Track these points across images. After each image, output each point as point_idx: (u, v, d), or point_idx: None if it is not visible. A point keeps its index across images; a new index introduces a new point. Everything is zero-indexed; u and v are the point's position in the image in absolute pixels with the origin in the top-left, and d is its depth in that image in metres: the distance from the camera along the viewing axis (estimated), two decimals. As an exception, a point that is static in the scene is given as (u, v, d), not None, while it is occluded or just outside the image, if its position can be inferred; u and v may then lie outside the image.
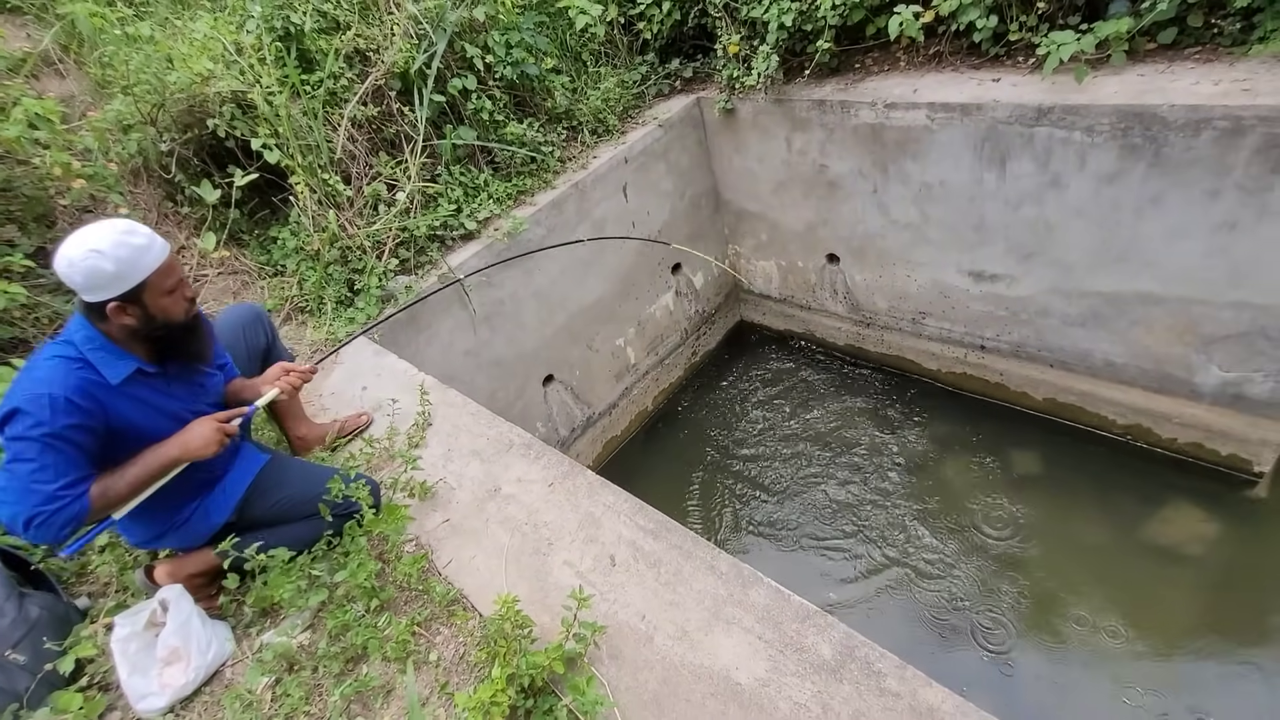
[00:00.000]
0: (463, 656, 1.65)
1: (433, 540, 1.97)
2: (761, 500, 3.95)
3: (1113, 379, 3.44)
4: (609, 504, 1.92)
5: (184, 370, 1.77)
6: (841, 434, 4.17)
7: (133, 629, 1.74)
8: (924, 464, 3.86)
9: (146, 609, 1.78)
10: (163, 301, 1.61)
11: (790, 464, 4.10)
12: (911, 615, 3.20)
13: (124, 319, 1.58)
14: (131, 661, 1.70)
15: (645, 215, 4.23)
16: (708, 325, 5.09)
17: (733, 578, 1.62)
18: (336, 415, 2.60)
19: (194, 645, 1.74)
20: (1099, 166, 2.80)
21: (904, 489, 3.75)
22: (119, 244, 1.53)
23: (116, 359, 1.62)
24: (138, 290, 1.57)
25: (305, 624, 1.83)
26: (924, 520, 3.57)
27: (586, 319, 4.11)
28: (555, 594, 1.72)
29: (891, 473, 3.86)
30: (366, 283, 3.12)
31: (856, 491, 3.82)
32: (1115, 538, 3.30)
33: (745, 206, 4.53)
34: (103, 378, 1.59)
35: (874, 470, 3.89)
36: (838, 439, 4.15)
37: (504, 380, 3.73)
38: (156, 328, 1.63)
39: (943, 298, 3.85)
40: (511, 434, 2.26)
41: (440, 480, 2.16)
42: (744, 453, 4.27)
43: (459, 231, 3.42)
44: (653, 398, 4.81)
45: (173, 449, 1.66)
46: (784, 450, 4.20)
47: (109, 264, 1.51)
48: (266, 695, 1.68)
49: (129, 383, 1.63)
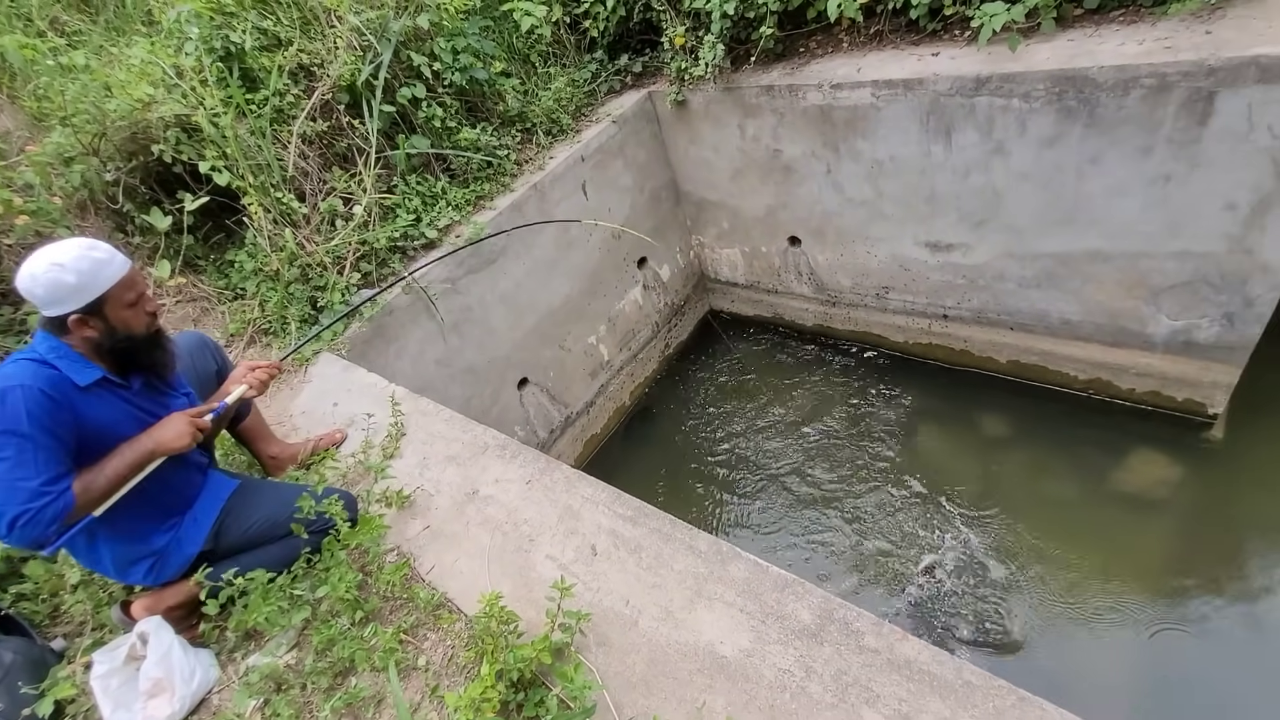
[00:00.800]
0: (451, 658, 1.65)
1: (414, 548, 1.97)
2: (743, 484, 4.00)
3: (1070, 336, 3.54)
4: (587, 495, 1.93)
5: (148, 387, 1.77)
6: (817, 412, 4.23)
7: (112, 665, 1.71)
8: (898, 435, 3.93)
9: (125, 643, 1.75)
10: (124, 314, 1.64)
11: (769, 446, 4.15)
12: (894, 584, 3.26)
13: (86, 331, 1.60)
14: (114, 698, 1.67)
15: (606, 212, 4.23)
16: (678, 317, 5.11)
17: (712, 555, 1.64)
18: (310, 434, 2.58)
19: (177, 675, 1.71)
20: (1039, 131, 2.88)
21: (881, 462, 3.82)
22: (80, 258, 1.56)
23: (83, 366, 1.63)
24: (99, 303, 1.59)
25: (290, 643, 1.81)
26: (901, 490, 3.64)
27: (556, 319, 4.11)
28: (540, 588, 1.73)
29: (868, 447, 3.92)
30: (330, 299, 3.08)
31: (834, 468, 3.88)
32: (1084, 490, 3.40)
33: (705, 196, 4.56)
34: (71, 379, 1.60)
35: (851, 446, 3.95)
36: (814, 418, 4.21)
37: (478, 387, 3.72)
38: (119, 340, 1.64)
39: (903, 271, 3.91)
40: (486, 436, 2.26)
41: (418, 488, 2.15)
42: (723, 440, 4.31)
43: (420, 241, 3.40)
44: (629, 393, 4.82)
45: (146, 442, 1.67)
46: (762, 434, 4.24)
47: (70, 276, 1.54)
48: (256, 717, 1.66)
49: (97, 388, 1.64)
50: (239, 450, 2.32)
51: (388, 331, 3.22)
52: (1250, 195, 2.57)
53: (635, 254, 4.59)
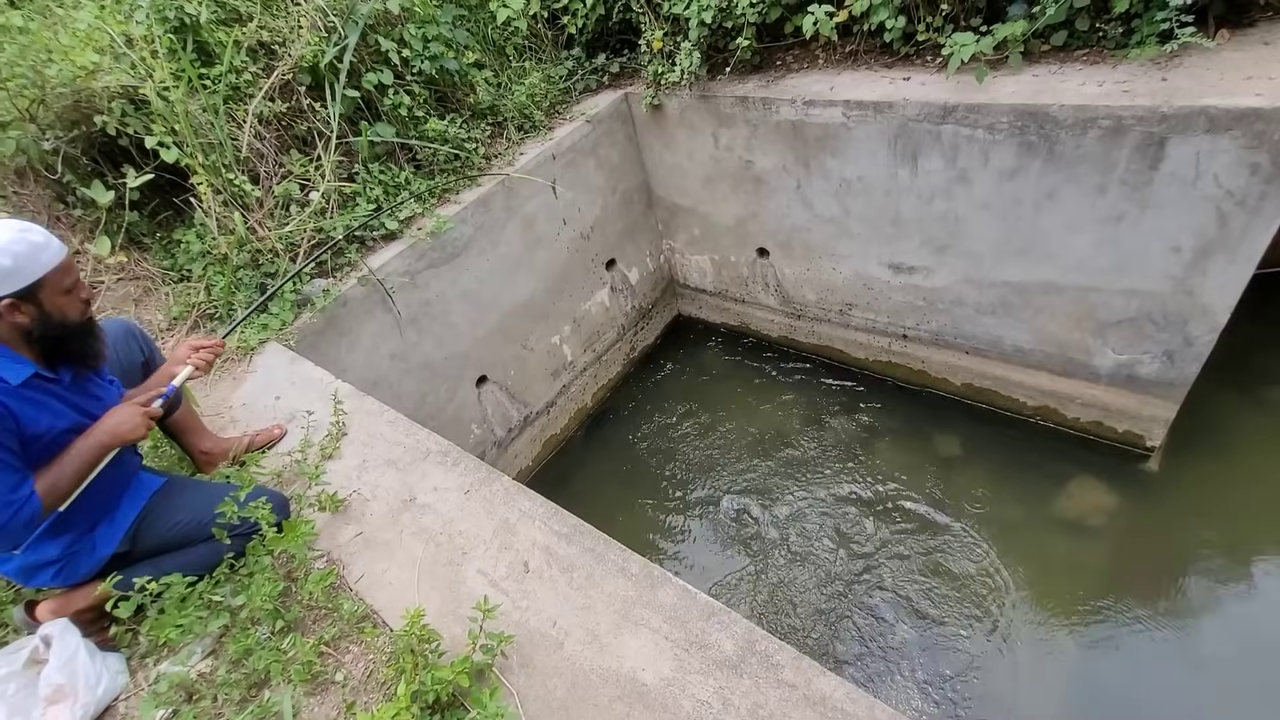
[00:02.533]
0: (371, 674, 1.61)
1: (344, 554, 1.92)
2: (695, 490, 4.00)
3: (1022, 363, 3.61)
4: (525, 510, 1.90)
5: (78, 378, 1.69)
6: (776, 423, 4.25)
7: (10, 669, 1.63)
8: (854, 450, 3.97)
9: (26, 646, 1.67)
10: (59, 300, 1.57)
11: (725, 454, 4.16)
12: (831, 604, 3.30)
13: (18, 317, 1.53)
14: (10, 704, 1.59)
15: (576, 212, 4.19)
16: (645, 320, 5.09)
17: (642, 579, 1.63)
18: (249, 428, 2.50)
19: (81, 681, 1.64)
20: (1001, 162, 2.92)
21: (834, 476, 3.86)
22: (15, 240, 1.49)
23: (11, 361, 1.56)
24: (34, 288, 1.52)
25: (206, 650, 1.75)
26: (853, 506, 3.68)
27: (520, 318, 4.05)
28: (468, 604, 1.70)
29: (823, 460, 3.96)
30: (280, 288, 2.98)
31: (789, 480, 3.91)
32: (1028, 513, 3.48)
33: (677, 202, 4.54)
34: (3, 380, 1.52)
35: (806, 458, 3.99)
36: (772, 428, 4.23)
37: (434, 383, 3.65)
38: (53, 327, 1.57)
39: (866, 289, 3.95)
40: (429, 441, 2.21)
41: (354, 492, 2.10)
42: (681, 443, 4.31)
43: (379, 232, 3.31)
44: (592, 394, 4.79)
45: (100, 435, 1.63)
46: (720, 441, 4.25)
47: (6, 259, 1.47)
48: (162, 728, 1.60)
49: (29, 386, 1.57)
50: (167, 443, 2.23)
51: (340, 323, 3.14)
52: (1194, 240, 2.64)
53: (604, 255, 4.55)
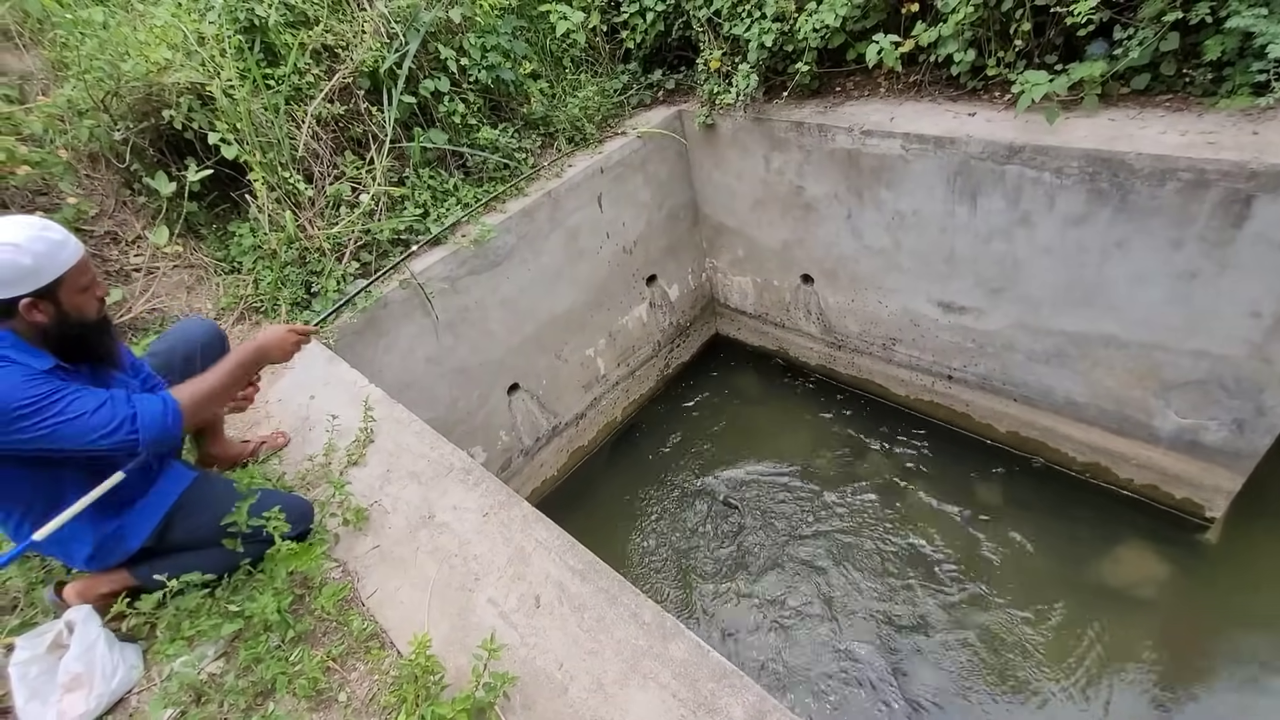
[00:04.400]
0: (374, 697, 1.59)
1: (360, 567, 1.91)
2: (717, 521, 3.92)
3: (1074, 417, 3.43)
4: (541, 539, 1.86)
5: (95, 374, 1.71)
6: (807, 455, 4.14)
7: (34, 652, 1.66)
8: (888, 491, 3.84)
9: (51, 630, 1.71)
10: (77, 299, 1.58)
11: (751, 484, 4.06)
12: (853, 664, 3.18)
13: (36, 316, 1.54)
14: (30, 687, 1.63)
15: (620, 226, 4.17)
16: (682, 338, 5.04)
17: (655, 628, 1.57)
18: (279, 425, 2.53)
19: (98, 671, 1.66)
20: (1067, 208, 2.77)
21: (865, 518, 3.73)
22: (35, 239, 1.50)
23: (34, 355, 1.57)
24: (53, 286, 1.53)
25: (218, 652, 1.76)
26: (881, 551, 3.54)
27: (556, 328, 4.05)
28: (475, 634, 1.67)
29: (853, 500, 3.83)
30: (324, 285, 3.04)
31: (815, 518, 3.79)
32: (1068, 575, 3.30)
33: (723, 222, 4.48)
34: (30, 366, 1.54)
35: (835, 496, 3.86)
36: (803, 460, 4.12)
37: (467, 388, 3.67)
38: (70, 326, 1.59)
39: (913, 325, 3.82)
40: (453, 457, 2.20)
41: (375, 502, 2.10)
42: (707, 469, 4.23)
43: (425, 237, 3.34)
44: (622, 409, 4.76)
45: (248, 349, 1.70)
46: (747, 469, 4.16)
47: (27, 258, 1.48)
48: (169, 728, 1.61)
49: (54, 374, 1.58)
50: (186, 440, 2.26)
51: (379, 324, 3.17)
52: (1277, 305, 2.45)
53: (645, 270, 4.52)
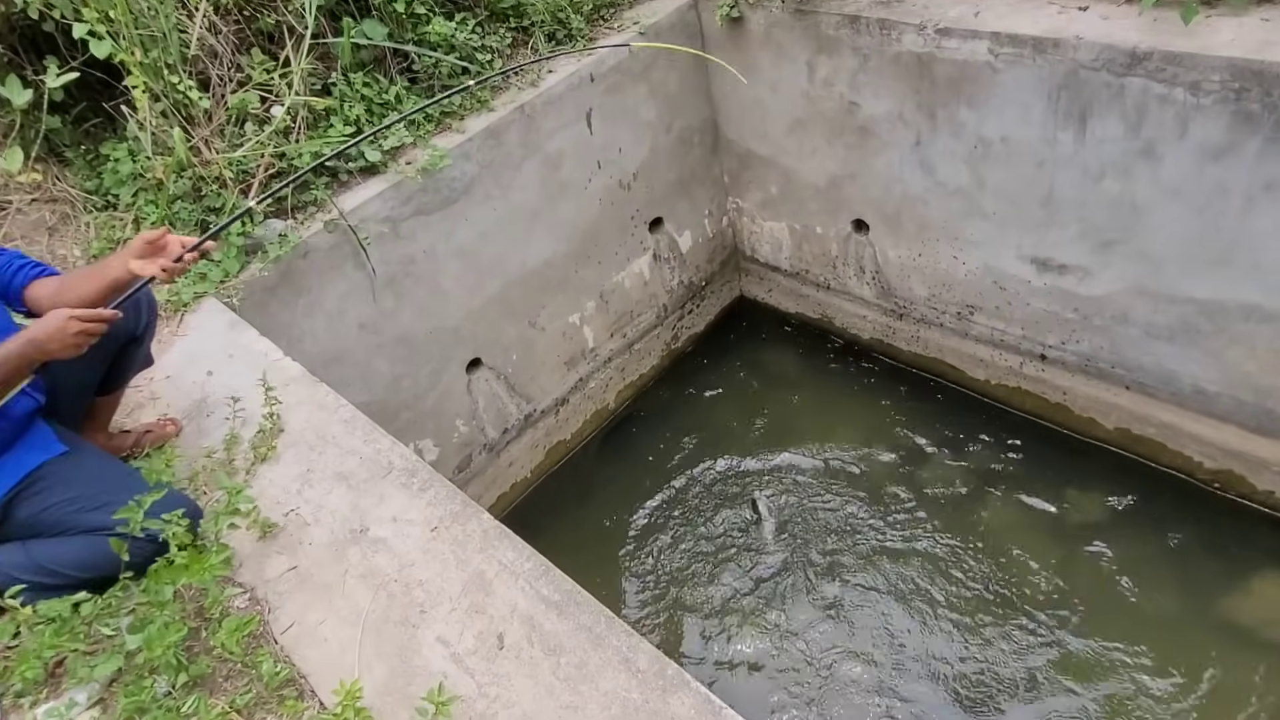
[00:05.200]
0: (291, 759, 1.62)
1: (272, 594, 1.93)
2: (737, 540, 3.94)
3: (1202, 411, 3.43)
4: (506, 562, 1.87)
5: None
6: (858, 455, 4.17)
7: None
8: (958, 501, 3.86)
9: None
10: None
11: (787, 492, 4.08)
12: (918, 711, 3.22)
13: None
14: None
15: (616, 153, 4.14)
16: (695, 302, 5.04)
17: (652, 678, 1.59)
18: (168, 408, 2.54)
19: (-62, 721, 1.69)
20: (1204, 136, 2.74)
21: (929, 534, 3.76)
22: None
23: None
24: None
25: (92, 699, 1.78)
26: (950, 583, 3.57)
27: (530, 287, 4.04)
28: (420, 682, 1.68)
29: (915, 513, 3.86)
30: (227, 228, 3.02)
31: (867, 540, 3.81)
32: (1187, 609, 3.34)
33: (752, 148, 4.46)
34: None
35: (895, 511, 3.89)
36: (850, 463, 4.14)
37: (413, 363, 3.67)
38: None
39: (997, 289, 3.82)
40: (392, 454, 2.21)
41: (291, 511, 2.11)
42: (724, 475, 4.25)
43: (358, 164, 3.32)
44: (616, 393, 4.78)
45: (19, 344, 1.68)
46: (777, 474, 4.18)
47: None
48: (31, 794, 1.64)
49: None
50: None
51: (298, 278, 3.16)
52: None
53: (648, 212, 4.49)
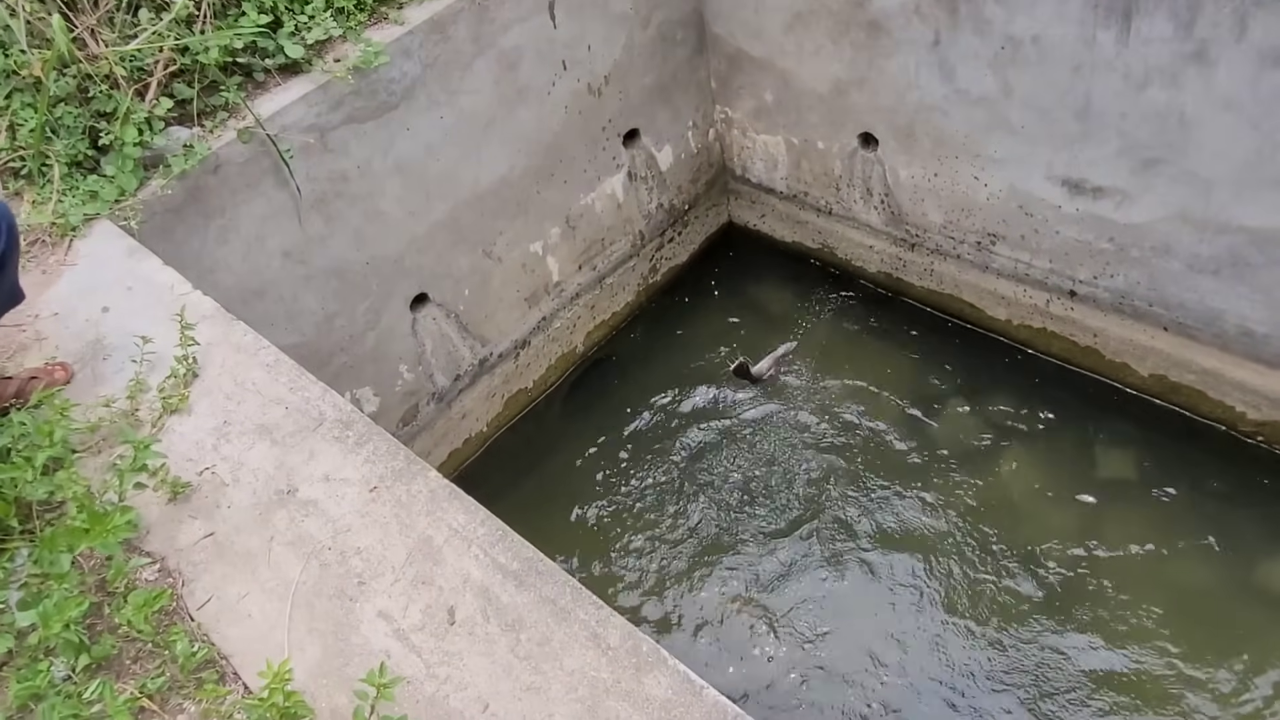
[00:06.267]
0: (212, 750, 1.63)
1: (185, 564, 1.92)
2: (724, 504, 3.99)
3: (1248, 355, 3.51)
4: (457, 527, 1.87)
5: None
6: (860, 404, 4.23)
7: None
8: (974, 455, 3.94)
9: None
10: None
11: (777, 446, 4.14)
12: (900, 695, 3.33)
13: None
14: None
15: (585, 51, 4.07)
16: (677, 228, 5.03)
17: (624, 655, 1.61)
18: (57, 348, 2.50)
19: None
20: (1264, 37, 2.73)
21: (939, 490, 3.84)
22: None
23: None
24: None
25: (-21, 684, 1.78)
26: (962, 551, 3.66)
27: (484, 210, 4.01)
28: (359, 662, 1.69)
29: (926, 467, 3.94)
30: (120, 135, 2.95)
31: (869, 501, 3.88)
32: (1224, 577, 3.45)
33: (744, 48, 4.41)
34: None
35: (902, 468, 3.96)
36: (853, 412, 4.20)
37: (348, 299, 3.64)
38: None
39: (1023, 215, 3.84)
40: (324, 403, 2.19)
41: (207, 469, 2.09)
42: (707, 426, 4.29)
43: (276, 61, 3.23)
44: (585, 334, 4.80)
45: None
46: (772, 425, 4.23)
47: None
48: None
49: None
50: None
51: (209, 199, 3.10)
52: None
53: (622, 123, 4.43)
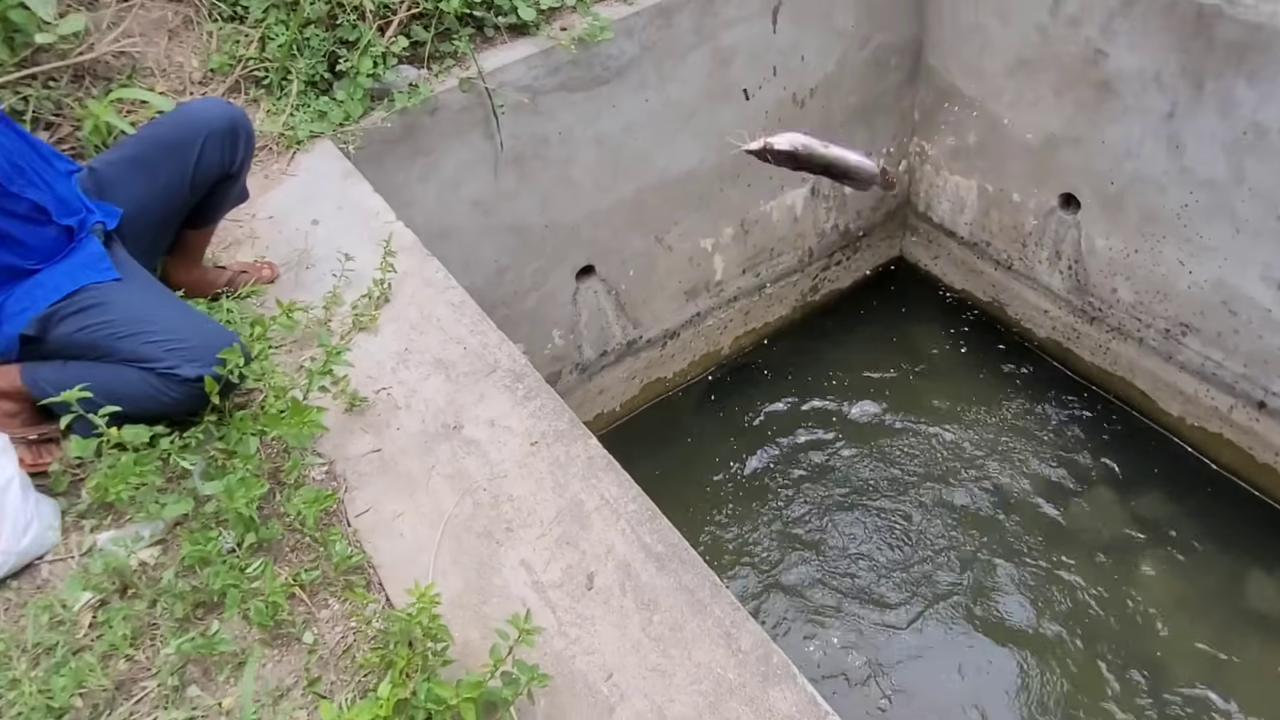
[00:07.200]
0: (349, 649, 1.72)
1: (351, 472, 2.03)
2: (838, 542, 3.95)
3: None
4: (609, 498, 1.91)
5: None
6: (1001, 466, 4.14)
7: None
8: (1109, 547, 3.81)
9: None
10: None
11: (902, 495, 4.08)
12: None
13: None
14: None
15: (798, 60, 4.06)
16: (847, 252, 5.00)
17: (753, 662, 1.61)
18: (267, 250, 2.67)
19: (8, 523, 1.87)
20: None
21: (1069, 576, 3.71)
22: None
23: None
24: None
25: (155, 536, 1.93)
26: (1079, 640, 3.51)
27: (666, 197, 4.06)
28: (498, 604, 1.75)
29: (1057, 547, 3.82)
30: (356, 65, 3.11)
31: (994, 562, 3.79)
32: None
33: (957, 84, 4.33)
34: None
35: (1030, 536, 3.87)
36: (990, 474, 4.12)
37: (521, 256, 3.75)
38: None
39: (1225, 311, 3.64)
40: (499, 351, 2.26)
41: (383, 390, 2.20)
42: (840, 454, 4.26)
43: (508, 20, 3.36)
44: (734, 337, 4.82)
45: None
46: (901, 469, 4.17)
47: None
48: (85, 618, 1.81)
49: None
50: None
51: (420, 138, 3.24)
52: None
53: (817, 137, 4.40)
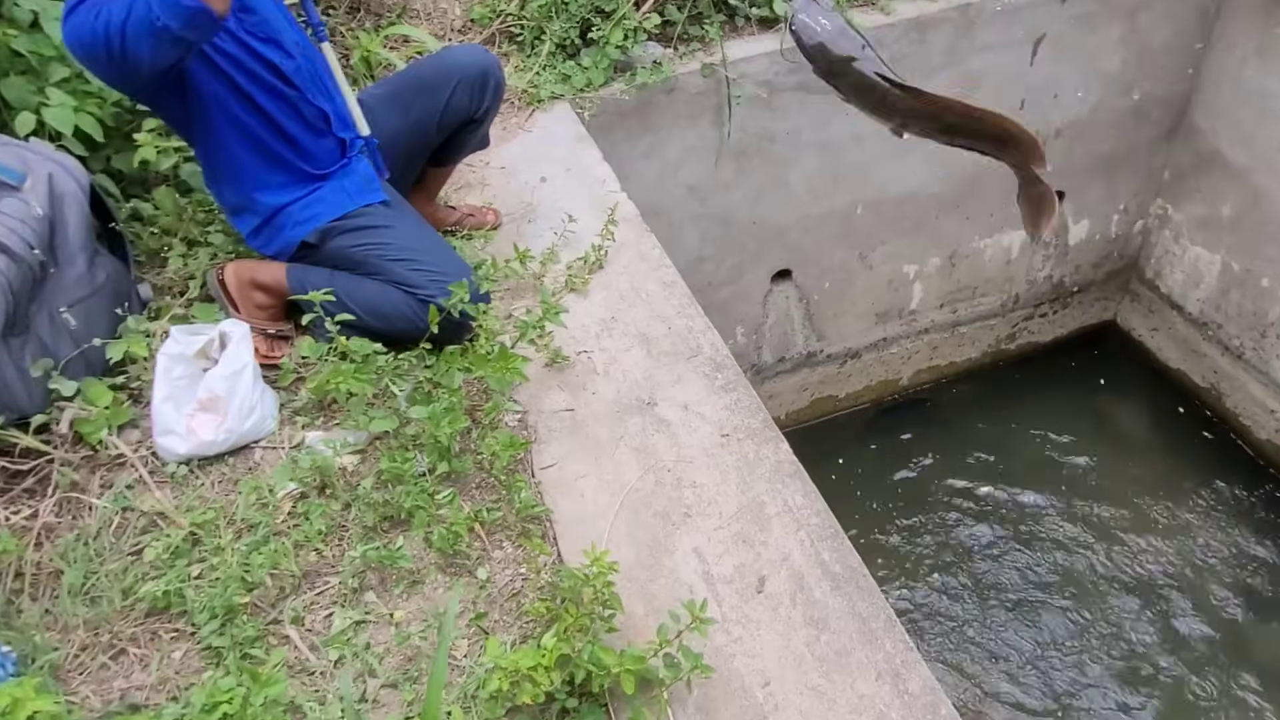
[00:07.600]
0: (516, 593, 1.78)
1: (543, 427, 2.09)
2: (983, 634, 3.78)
3: None
4: (792, 505, 1.88)
5: None
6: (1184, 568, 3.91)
7: (184, 350, 2.07)
8: None
9: (205, 335, 2.11)
10: None
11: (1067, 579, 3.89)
12: None
13: None
14: (170, 385, 2.04)
15: (1050, 98, 3.90)
16: (1056, 306, 4.78)
17: (920, 709, 1.54)
18: (494, 199, 2.79)
19: (235, 403, 2.04)
20: None
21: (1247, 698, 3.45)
22: None
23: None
24: None
25: (358, 445, 2.06)
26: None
27: (879, 215, 4.00)
28: (665, 584, 1.76)
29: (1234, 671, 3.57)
30: (607, 35, 3.17)
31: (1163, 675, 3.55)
32: None
33: (1222, 150, 4.05)
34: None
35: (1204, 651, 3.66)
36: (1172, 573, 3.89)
37: (723, 248, 3.77)
38: None
39: None
40: (703, 338, 2.27)
41: (584, 352, 2.25)
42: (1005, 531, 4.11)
43: (760, 12, 3.36)
44: (915, 370, 4.72)
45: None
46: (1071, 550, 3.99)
47: None
48: (285, 505, 1.95)
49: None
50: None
51: (653, 115, 3.30)
52: None
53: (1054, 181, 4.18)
